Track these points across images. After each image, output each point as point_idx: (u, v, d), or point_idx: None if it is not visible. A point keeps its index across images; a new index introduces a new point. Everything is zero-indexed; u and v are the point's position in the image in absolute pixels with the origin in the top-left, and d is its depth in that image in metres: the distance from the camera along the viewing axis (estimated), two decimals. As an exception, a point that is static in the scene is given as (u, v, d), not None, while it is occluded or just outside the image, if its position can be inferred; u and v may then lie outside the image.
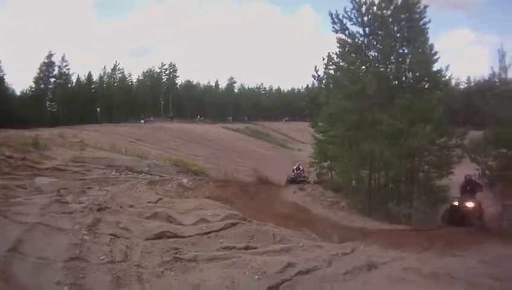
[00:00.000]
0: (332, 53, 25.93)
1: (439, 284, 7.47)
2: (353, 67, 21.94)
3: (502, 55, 16.63)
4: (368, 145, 19.85)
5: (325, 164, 27.75)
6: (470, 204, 15.03)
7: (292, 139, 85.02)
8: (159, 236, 8.84)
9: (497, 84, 17.30)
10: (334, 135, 23.20)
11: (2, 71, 74.28)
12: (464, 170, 18.23)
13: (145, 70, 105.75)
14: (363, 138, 20.89)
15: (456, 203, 15.55)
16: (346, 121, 21.34)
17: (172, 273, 6.88)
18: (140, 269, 6.95)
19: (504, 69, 16.64)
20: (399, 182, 20.99)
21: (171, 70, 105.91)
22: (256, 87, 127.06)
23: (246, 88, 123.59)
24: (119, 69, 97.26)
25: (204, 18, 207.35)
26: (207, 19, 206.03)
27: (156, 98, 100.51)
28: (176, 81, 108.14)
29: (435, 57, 20.01)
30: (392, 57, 21.10)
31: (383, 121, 19.16)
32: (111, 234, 8.45)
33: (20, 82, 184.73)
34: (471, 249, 11.18)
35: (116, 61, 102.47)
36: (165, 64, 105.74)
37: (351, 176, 23.21)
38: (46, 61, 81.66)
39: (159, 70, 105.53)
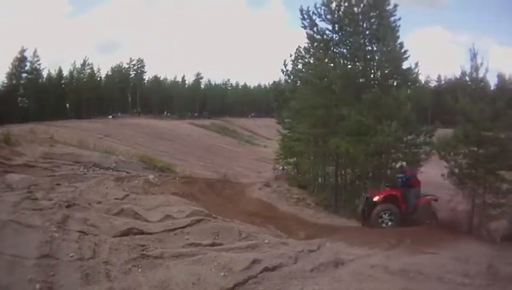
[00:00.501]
0: (301, 48, 26.02)
1: (408, 281, 7.43)
2: (321, 64, 21.75)
3: (474, 54, 16.65)
4: (333, 141, 19.80)
5: (291, 160, 27.51)
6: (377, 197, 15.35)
7: (258, 136, 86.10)
8: (126, 233, 8.92)
9: (469, 83, 17.35)
10: (300, 132, 22.95)
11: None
12: (431, 169, 18.40)
13: (113, 66, 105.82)
14: (330, 134, 20.79)
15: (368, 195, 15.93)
16: (313, 117, 21.26)
17: (139, 270, 6.99)
18: (109, 266, 7.04)
19: (475, 68, 16.70)
20: (366, 179, 20.85)
21: (139, 65, 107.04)
22: (223, 83, 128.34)
23: (213, 84, 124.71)
24: (88, 64, 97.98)
25: (170, 12, 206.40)
26: (173, 14, 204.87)
27: (124, 94, 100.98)
28: (144, 77, 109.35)
29: (405, 55, 20.04)
30: (360, 54, 20.94)
31: (349, 117, 19.08)
32: (79, 231, 8.53)
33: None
34: (442, 246, 11.23)
35: (85, 56, 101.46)
36: (133, 60, 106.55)
37: (317, 173, 23.26)
38: (18, 56, 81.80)
39: (127, 66, 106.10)
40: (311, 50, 23.18)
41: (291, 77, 28.90)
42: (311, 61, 23.54)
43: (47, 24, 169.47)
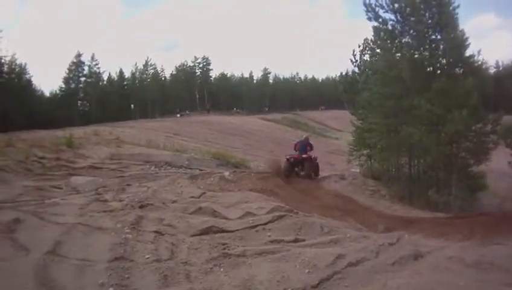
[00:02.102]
0: (368, 39, 26.78)
1: (481, 274, 7.54)
2: (388, 54, 22.18)
3: None
4: (407, 129, 20.01)
5: (365, 151, 27.81)
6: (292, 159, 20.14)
7: (329, 128, 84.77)
8: (205, 232, 8.80)
9: None
10: (373, 122, 23.33)
11: (29, 73, 75.96)
12: (496, 157, 18.13)
13: (177, 65, 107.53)
14: (401, 124, 21.07)
15: (288, 158, 20.38)
16: (384, 108, 21.59)
17: (221, 270, 6.85)
18: (188, 267, 6.91)
19: None
20: (438, 169, 21.01)
21: (205, 63, 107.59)
22: (291, 77, 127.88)
23: (281, 78, 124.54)
24: (151, 65, 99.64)
25: (233, 9, 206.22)
26: (236, 10, 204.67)
27: (191, 92, 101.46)
28: (210, 74, 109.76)
29: (467, 43, 20.24)
30: (425, 43, 21.14)
31: (420, 106, 19.28)
32: (155, 232, 8.45)
33: (47, 83, 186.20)
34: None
35: (147, 57, 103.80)
36: (198, 58, 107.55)
37: (391, 164, 23.52)
38: (75, 60, 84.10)
39: (192, 64, 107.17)
40: (378, 41, 23.44)
41: (361, 67, 29.51)
42: (378, 51, 23.85)
43: (102, 26, 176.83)
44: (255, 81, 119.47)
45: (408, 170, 22.16)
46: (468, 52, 20.44)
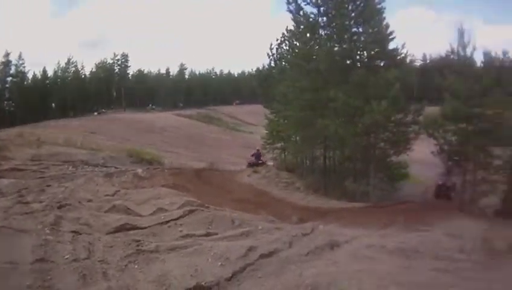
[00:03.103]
0: (287, 32, 26.16)
1: (406, 260, 7.38)
2: (307, 47, 21.88)
3: (461, 33, 16.79)
4: (322, 121, 19.78)
5: (279, 145, 27.79)
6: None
7: (243, 122, 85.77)
8: (119, 229, 8.85)
9: (456, 60, 17.44)
10: (288, 115, 23.06)
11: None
12: (421, 147, 18.46)
13: (97, 62, 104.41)
14: (318, 117, 20.72)
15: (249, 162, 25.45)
16: (300, 100, 21.32)
17: (136, 267, 6.89)
18: (105, 265, 6.93)
19: (463, 46, 16.83)
20: (355, 160, 21.01)
21: (123, 60, 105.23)
22: (207, 72, 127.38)
23: (197, 74, 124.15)
24: (72, 63, 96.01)
25: (152, 5, 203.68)
26: (155, 6, 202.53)
27: (109, 90, 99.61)
28: (128, 71, 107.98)
29: (391, 36, 20.07)
30: (345, 36, 20.83)
31: (337, 98, 18.99)
32: (73, 231, 8.42)
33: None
34: (434, 223, 11.27)
35: (69, 54, 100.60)
36: (117, 55, 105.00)
37: (305, 156, 23.50)
38: (3, 60, 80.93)
39: (111, 61, 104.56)
40: (297, 34, 23.03)
41: (277, 61, 29.05)
42: (298, 44, 23.38)
43: (30, 25, 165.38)
44: (171, 77, 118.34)
45: (323, 162, 22.07)
46: (392, 45, 20.49)
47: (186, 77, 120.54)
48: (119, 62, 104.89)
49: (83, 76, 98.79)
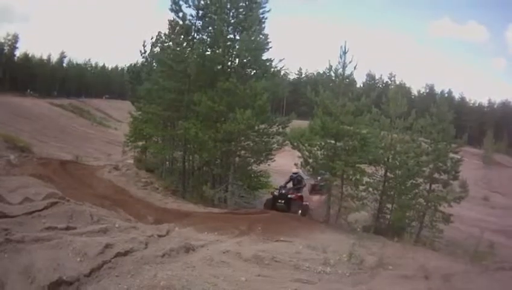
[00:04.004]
0: (162, 33, 25.65)
1: (264, 269, 7.48)
2: (179, 48, 21.57)
3: (344, 52, 17.42)
4: (183, 123, 19.76)
5: (140, 143, 27.27)
6: None
7: (110, 118, 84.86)
8: None
9: (333, 78, 18.05)
10: (150, 112, 22.57)
11: None
12: (285, 158, 18.89)
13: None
14: (180, 118, 20.82)
15: None
16: (165, 100, 21.23)
17: (6, 256, 6.56)
18: None
19: (343, 64, 17.47)
20: (214, 165, 21.02)
21: (13, 41, 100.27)
22: (84, 63, 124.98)
23: (74, 63, 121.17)
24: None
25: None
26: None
27: None
28: (15, 53, 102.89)
29: (267, 46, 20.39)
30: (220, 41, 20.85)
31: (200, 102, 18.94)
32: None
33: None
34: (295, 234, 11.61)
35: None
36: (9, 35, 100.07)
37: (165, 157, 23.27)
38: None
39: (3, 41, 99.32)
40: (172, 35, 22.68)
41: (149, 59, 28.59)
42: (171, 45, 23.05)
43: None
44: (51, 64, 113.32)
45: (182, 164, 21.76)
46: (267, 56, 20.87)
47: (64, 65, 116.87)
48: (10, 42, 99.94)
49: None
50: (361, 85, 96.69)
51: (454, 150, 19.82)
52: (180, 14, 21.53)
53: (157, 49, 27.37)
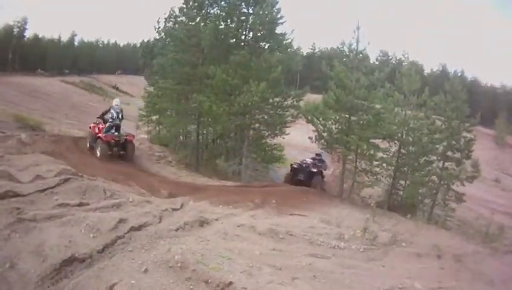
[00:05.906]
0: (175, 8, 25.78)
1: (279, 243, 7.47)
2: (192, 23, 21.55)
3: (357, 27, 17.33)
4: (197, 96, 19.77)
5: (154, 118, 27.23)
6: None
7: (123, 93, 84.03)
8: (2, 196, 8.15)
9: (346, 53, 17.94)
10: (164, 87, 22.57)
11: None
12: (300, 132, 18.81)
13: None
14: (194, 92, 20.80)
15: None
16: (178, 74, 21.17)
17: (17, 235, 6.48)
18: None
19: (357, 39, 17.37)
20: (228, 139, 21.19)
21: (23, 23, 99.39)
22: (95, 41, 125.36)
23: (86, 41, 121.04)
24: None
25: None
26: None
27: (5, 52, 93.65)
28: (25, 34, 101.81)
29: (280, 20, 20.15)
30: (234, 15, 20.73)
31: (215, 76, 18.88)
32: None
33: None
34: (309, 208, 11.60)
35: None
36: (18, 18, 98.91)
37: (179, 131, 23.25)
38: None
39: (12, 24, 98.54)
40: (185, 9, 22.58)
41: (162, 34, 28.73)
42: (184, 20, 22.94)
43: None
44: (62, 44, 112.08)
45: (196, 138, 21.88)
46: (280, 30, 20.68)
47: (76, 44, 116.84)
48: (19, 24, 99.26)
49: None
50: (375, 61, 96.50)
51: (467, 128, 19.68)
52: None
53: (170, 24, 27.49)
